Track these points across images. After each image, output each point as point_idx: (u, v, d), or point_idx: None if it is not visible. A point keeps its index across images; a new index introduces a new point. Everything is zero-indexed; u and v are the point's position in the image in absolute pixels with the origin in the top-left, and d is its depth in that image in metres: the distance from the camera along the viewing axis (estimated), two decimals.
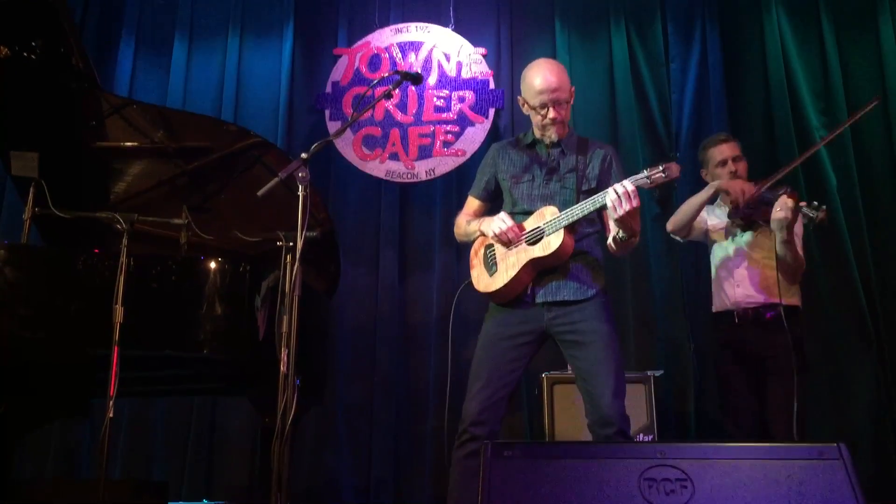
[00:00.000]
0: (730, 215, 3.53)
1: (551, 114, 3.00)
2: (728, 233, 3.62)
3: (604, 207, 2.79)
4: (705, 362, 4.37)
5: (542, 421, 3.92)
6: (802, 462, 1.82)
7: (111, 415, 2.64)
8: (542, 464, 1.85)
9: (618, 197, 2.70)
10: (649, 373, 3.97)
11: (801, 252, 3.46)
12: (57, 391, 3.39)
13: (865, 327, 4.37)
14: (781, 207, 3.29)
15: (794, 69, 4.82)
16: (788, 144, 4.66)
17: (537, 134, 3.11)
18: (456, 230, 3.26)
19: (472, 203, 3.25)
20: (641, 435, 3.79)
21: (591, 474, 1.82)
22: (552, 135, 3.05)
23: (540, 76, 3.01)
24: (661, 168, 2.67)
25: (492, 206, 3.20)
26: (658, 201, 4.68)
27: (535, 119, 3.08)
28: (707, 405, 4.34)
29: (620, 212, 2.71)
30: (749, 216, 3.50)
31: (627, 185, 2.70)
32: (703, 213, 3.65)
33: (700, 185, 3.84)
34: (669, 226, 3.72)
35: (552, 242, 2.87)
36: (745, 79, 4.93)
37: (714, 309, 3.67)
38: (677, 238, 3.78)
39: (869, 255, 4.50)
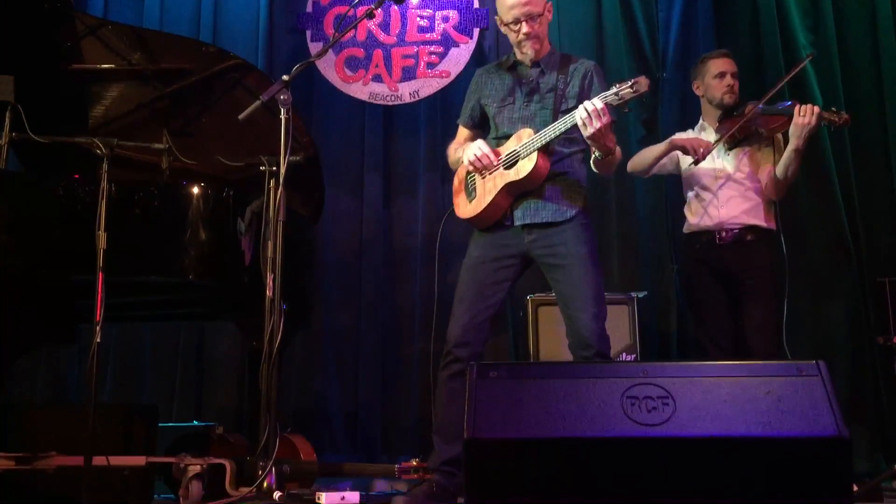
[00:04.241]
0: (722, 132, 3.49)
1: (524, 28, 2.95)
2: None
3: (577, 127, 2.77)
4: (688, 283, 4.40)
5: (527, 342, 3.97)
6: (782, 379, 1.85)
7: (98, 340, 2.65)
8: (527, 384, 1.88)
9: (587, 115, 2.69)
10: (632, 294, 4.01)
11: None
12: (42, 317, 3.38)
13: (846, 247, 4.41)
14: (806, 113, 3.28)
15: None
16: (775, 62, 4.61)
17: (517, 54, 3.06)
18: (448, 159, 3.25)
19: (462, 132, 3.23)
20: (624, 354, 3.85)
21: (574, 393, 1.85)
22: (528, 51, 3.00)
23: None
24: (629, 83, 2.66)
25: (481, 132, 3.17)
26: (643, 123, 4.65)
27: (511, 37, 3.03)
28: (689, 325, 4.39)
29: (591, 130, 2.70)
30: (747, 130, 3.47)
31: (596, 102, 2.69)
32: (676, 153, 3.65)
33: (688, 100, 3.82)
34: (629, 167, 3.75)
35: (525, 166, 2.86)
36: None
37: (690, 228, 3.68)
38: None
39: (853, 177, 4.50)
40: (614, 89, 2.68)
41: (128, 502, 3.12)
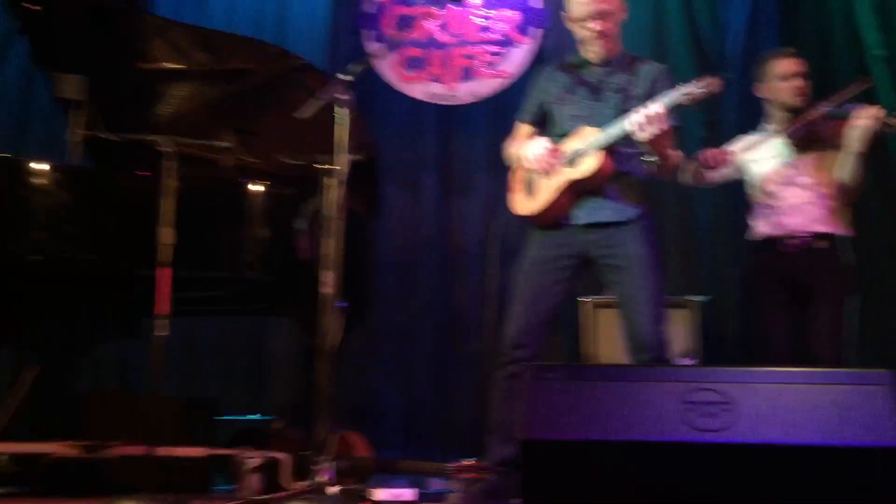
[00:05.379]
0: (789, 134, 3.38)
1: (596, 27, 2.90)
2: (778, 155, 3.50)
3: None
4: (751, 292, 4.31)
5: (588, 345, 3.93)
6: (847, 388, 1.81)
7: (164, 333, 2.71)
8: (584, 386, 1.87)
9: (644, 119, 2.64)
10: (695, 298, 3.94)
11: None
12: (110, 310, 3.48)
13: None
14: (867, 116, 3.14)
15: None
16: (843, 63, 4.50)
17: (584, 52, 3.03)
18: (506, 156, 3.21)
19: (522, 128, 3.16)
20: (685, 359, 3.80)
21: (632, 397, 1.84)
22: (598, 50, 2.94)
23: None
24: (701, 83, 2.60)
25: (541, 130, 3.12)
26: (705, 124, 4.56)
27: (580, 34, 2.98)
28: (751, 331, 4.31)
29: (644, 135, 2.65)
30: (815, 132, 3.36)
31: (656, 107, 2.63)
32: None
33: (750, 101, 3.74)
34: (681, 180, 3.61)
35: (589, 165, 2.82)
36: None
37: (756, 235, 3.51)
38: None
39: None
40: (683, 90, 2.63)
41: (186, 493, 3.18)
